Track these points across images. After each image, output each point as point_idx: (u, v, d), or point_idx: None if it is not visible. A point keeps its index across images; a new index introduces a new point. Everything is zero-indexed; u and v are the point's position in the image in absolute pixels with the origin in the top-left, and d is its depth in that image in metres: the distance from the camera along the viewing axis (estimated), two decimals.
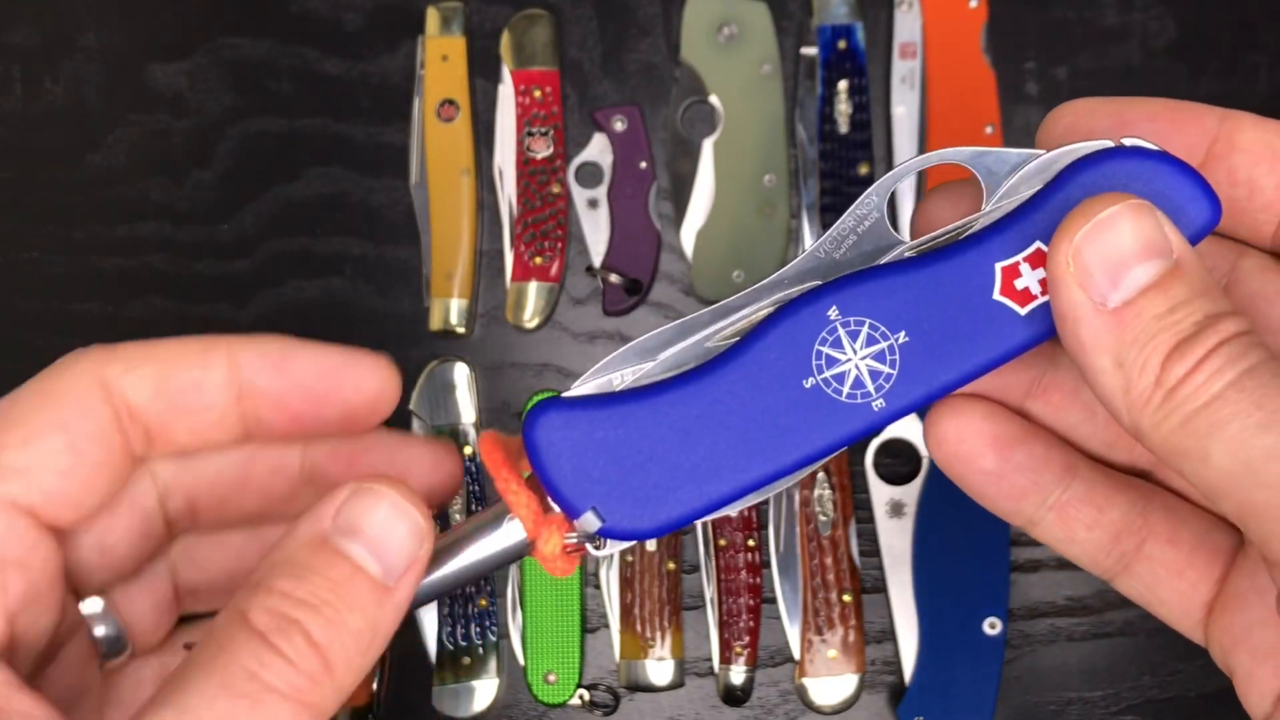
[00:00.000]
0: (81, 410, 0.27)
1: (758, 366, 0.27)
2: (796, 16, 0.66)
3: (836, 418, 0.27)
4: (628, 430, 0.27)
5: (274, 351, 0.29)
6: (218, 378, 0.29)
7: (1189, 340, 0.24)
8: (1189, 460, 0.24)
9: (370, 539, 0.26)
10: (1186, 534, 0.31)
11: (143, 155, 0.67)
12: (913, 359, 0.27)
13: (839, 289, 0.27)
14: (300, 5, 0.67)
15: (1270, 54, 0.66)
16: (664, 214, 0.66)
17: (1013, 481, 0.31)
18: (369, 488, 0.26)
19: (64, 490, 0.27)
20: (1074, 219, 0.25)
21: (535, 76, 0.65)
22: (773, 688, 0.63)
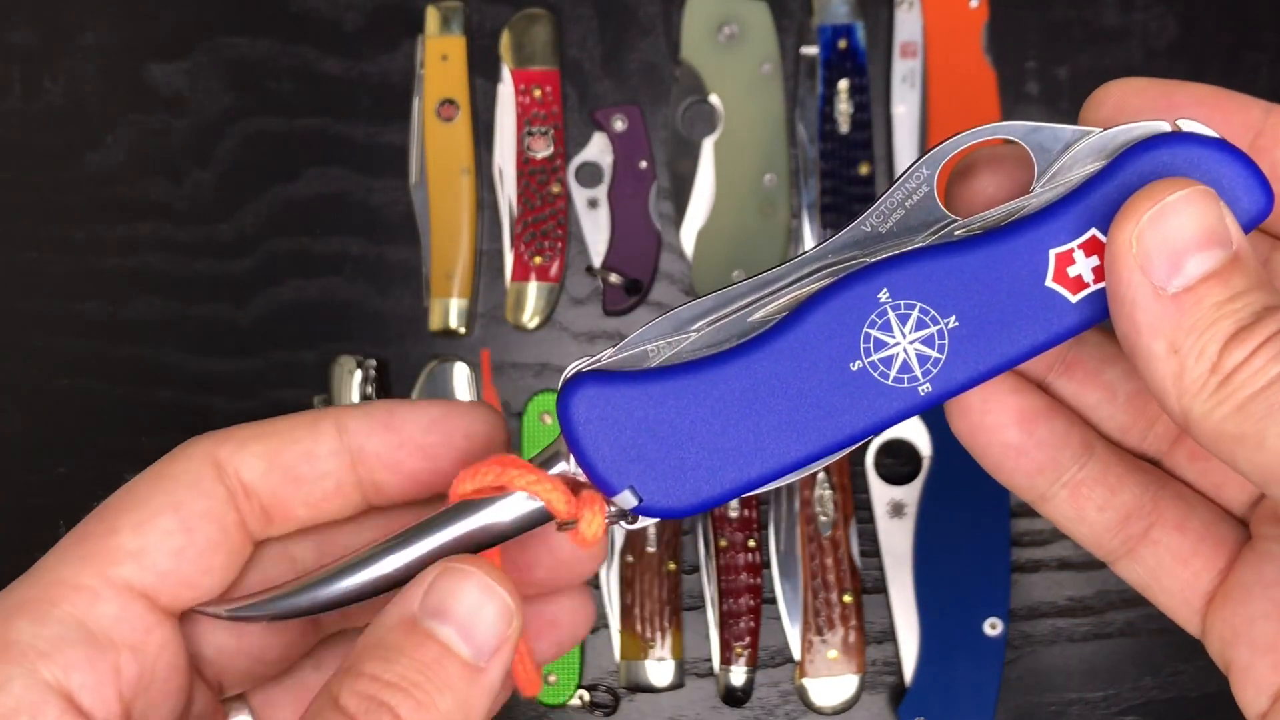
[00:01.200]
0: (194, 490, 0.27)
1: (803, 347, 0.27)
2: (797, 16, 0.66)
3: (882, 401, 0.27)
4: (667, 408, 0.27)
5: (380, 413, 0.29)
6: (327, 446, 0.29)
7: (1248, 329, 0.24)
8: (1243, 445, 0.23)
9: (459, 620, 0.25)
10: (1196, 522, 0.31)
11: (142, 155, 0.66)
12: (961, 343, 0.27)
13: (890, 270, 0.27)
14: (300, 5, 0.67)
15: (1270, 54, 0.66)
16: (664, 214, 0.66)
17: (1032, 456, 0.30)
18: (456, 568, 0.26)
19: (179, 570, 0.27)
20: (1139, 201, 0.25)
21: (535, 76, 0.65)
22: (773, 688, 0.63)
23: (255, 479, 0.28)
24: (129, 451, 0.65)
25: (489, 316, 0.65)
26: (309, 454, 0.28)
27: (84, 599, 0.26)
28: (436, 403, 0.30)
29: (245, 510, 0.28)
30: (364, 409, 0.29)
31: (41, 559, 0.27)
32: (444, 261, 0.64)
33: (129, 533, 0.27)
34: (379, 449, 0.29)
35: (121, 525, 0.27)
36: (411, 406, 0.30)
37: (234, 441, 0.28)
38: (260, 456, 0.28)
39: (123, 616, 0.26)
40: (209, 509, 0.27)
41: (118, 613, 0.26)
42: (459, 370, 0.64)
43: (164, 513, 0.27)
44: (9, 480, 0.65)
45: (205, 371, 0.65)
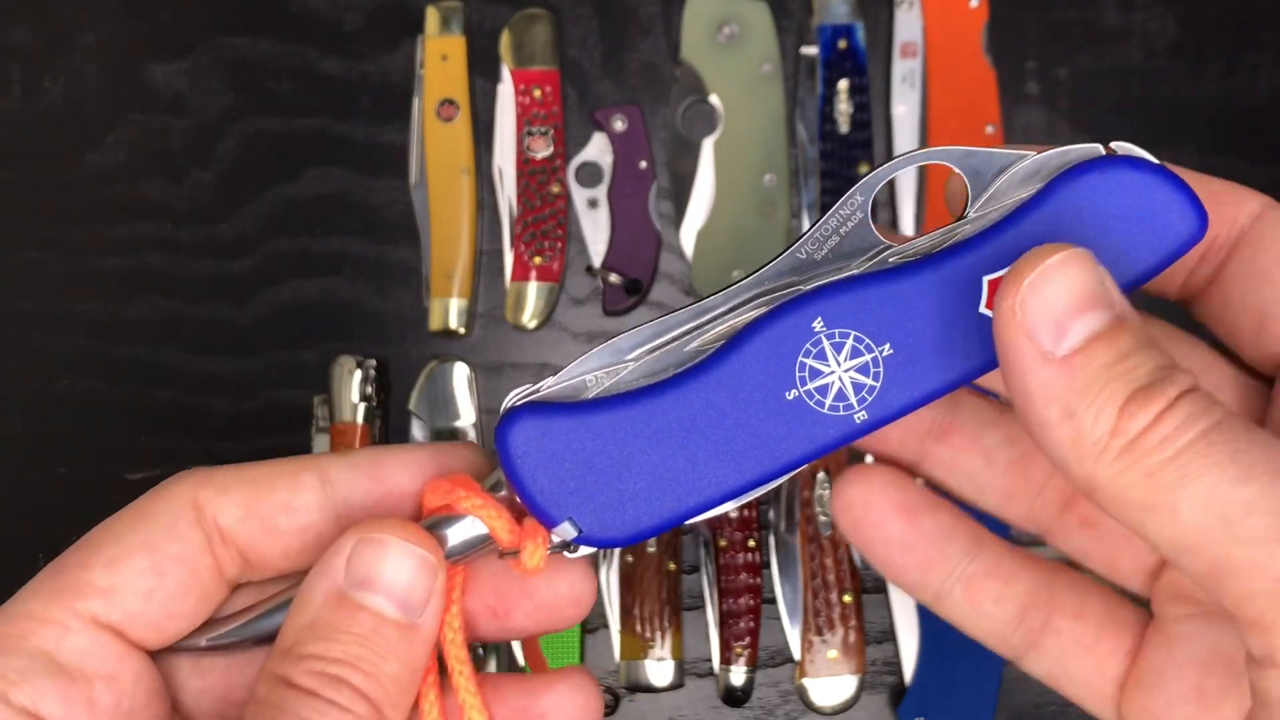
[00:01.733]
0: (170, 533, 0.27)
1: (739, 377, 0.27)
2: (797, 16, 0.66)
3: (818, 429, 0.27)
4: (604, 439, 0.27)
5: (365, 462, 0.29)
6: (309, 498, 0.28)
7: (1146, 390, 0.23)
8: (1154, 514, 0.23)
9: (385, 585, 0.26)
10: (1094, 606, 0.30)
11: (142, 155, 0.66)
12: (896, 371, 0.27)
13: (824, 298, 0.27)
14: (300, 5, 0.67)
15: (1270, 54, 0.66)
16: (664, 214, 0.66)
17: (920, 551, 0.30)
18: (371, 537, 0.26)
19: (147, 611, 0.27)
20: (1020, 269, 0.24)
21: (535, 76, 0.65)
22: (773, 688, 0.63)
23: (231, 525, 0.28)
24: (129, 451, 0.65)
25: (489, 316, 0.65)
26: (287, 505, 0.28)
27: (52, 632, 0.26)
28: (422, 448, 0.30)
29: (222, 555, 0.28)
30: (349, 458, 0.29)
31: (17, 593, 0.27)
32: (444, 261, 0.64)
33: (101, 569, 0.27)
34: (365, 499, 0.29)
35: (95, 561, 0.27)
36: (396, 454, 0.29)
37: (215, 485, 0.28)
38: (239, 504, 0.28)
39: (92, 649, 0.26)
40: (183, 552, 0.27)
41: (87, 645, 0.26)
42: (459, 370, 0.64)
43: (138, 552, 0.27)
44: (9, 480, 0.65)
45: (205, 371, 0.65)
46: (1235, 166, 0.66)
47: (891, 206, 0.65)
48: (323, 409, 0.63)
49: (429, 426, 0.64)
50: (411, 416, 0.64)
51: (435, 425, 0.64)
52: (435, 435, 0.64)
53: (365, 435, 0.63)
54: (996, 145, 0.67)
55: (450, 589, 0.28)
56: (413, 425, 0.64)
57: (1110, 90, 0.66)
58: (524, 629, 0.30)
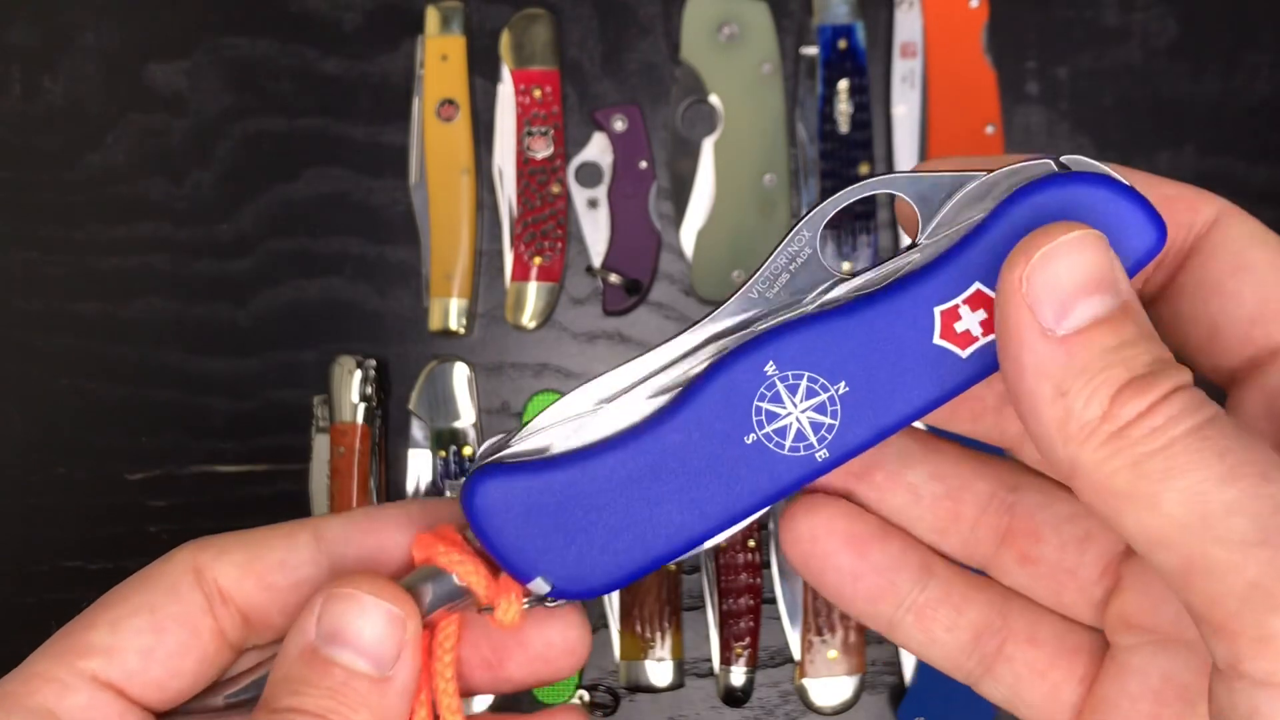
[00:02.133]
0: (171, 594, 0.28)
1: (697, 425, 0.27)
2: (797, 16, 0.66)
3: (779, 470, 0.27)
4: (568, 494, 0.27)
5: (359, 519, 0.30)
6: (304, 555, 0.29)
7: (1142, 380, 0.23)
8: (1133, 504, 0.22)
9: (353, 641, 0.26)
10: (1047, 632, 0.30)
11: (142, 155, 0.66)
12: (854, 407, 0.27)
13: (775, 341, 0.27)
14: (299, 5, 0.67)
15: (1270, 54, 0.66)
16: (664, 214, 0.66)
17: (869, 581, 0.30)
18: (339, 593, 0.27)
19: (147, 670, 0.27)
20: (1030, 243, 0.24)
21: (535, 76, 0.65)
22: (773, 688, 0.63)
23: (230, 585, 0.28)
24: (129, 451, 0.65)
25: (489, 316, 0.65)
26: (282, 563, 0.29)
27: (54, 690, 0.27)
28: (416, 503, 0.30)
29: (223, 616, 0.28)
30: (343, 516, 0.30)
31: (30, 655, 0.28)
32: (444, 261, 0.64)
33: (104, 629, 0.27)
34: (358, 555, 0.29)
35: (99, 622, 0.28)
36: (389, 510, 0.30)
37: (215, 548, 0.29)
38: (237, 564, 0.29)
39: (92, 705, 0.27)
40: (182, 613, 0.28)
41: (86, 703, 0.27)
42: (459, 370, 0.64)
43: (139, 613, 0.28)
44: (9, 480, 0.65)
45: (205, 371, 0.65)
46: (1235, 166, 0.66)
47: (891, 205, 0.65)
48: (323, 409, 0.63)
49: (429, 426, 0.64)
50: (411, 416, 0.64)
51: (435, 425, 0.64)
52: (435, 435, 0.64)
53: (365, 435, 0.63)
54: (996, 147, 0.67)
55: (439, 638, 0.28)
56: (413, 425, 0.64)
57: (1110, 90, 0.66)
58: (518, 680, 0.30)
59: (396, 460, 0.64)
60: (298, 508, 0.64)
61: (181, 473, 0.65)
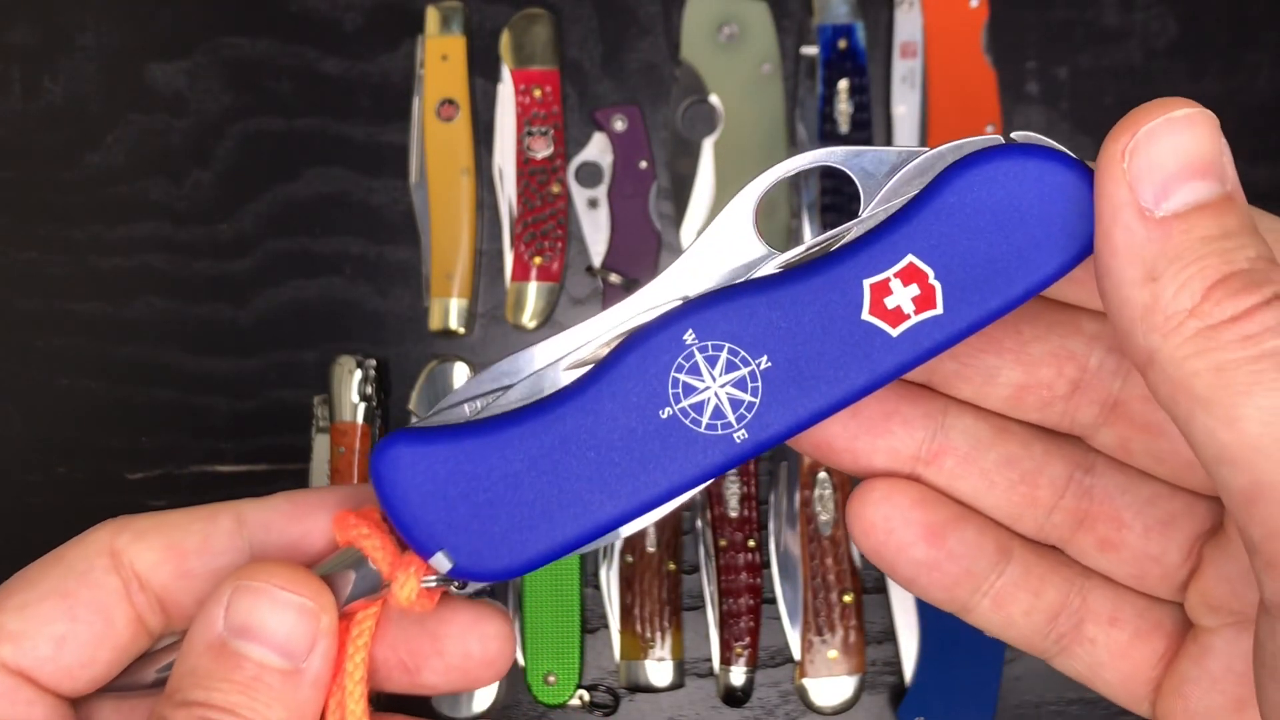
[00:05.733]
0: (84, 579, 0.27)
1: (611, 396, 0.25)
2: (797, 16, 0.66)
3: (695, 450, 0.25)
4: (476, 464, 0.25)
5: (282, 504, 0.28)
6: (224, 541, 0.28)
7: (1241, 277, 0.21)
8: (1210, 411, 0.21)
9: (264, 634, 0.25)
10: (1129, 611, 0.29)
11: (142, 155, 0.66)
12: (776, 386, 0.25)
13: (695, 311, 0.25)
14: (299, 4, 0.67)
15: (1270, 54, 0.66)
16: (664, 214, 0.66)
17: (946, 570, 0.29)
18: (248, 585, 0.25)
19: (59, 657, 0.26)
20: (1138, 115, 0.22)
21: (535, 76, 0.65)
22: (773, 688, 0.63)
23: (147, 570, 0.27)
24: (129, 451, 0.65)
25: (489, 316, 0.65)
26: (201, 549, 0.27)
27: None
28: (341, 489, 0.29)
29: (141, 604, 0.27)
30: (266, 500, 0.28)
31: None
32: (444, 261, 0.64)
33: (12, 614, 0.26)
34: (280, 542, 0.28)
35: (6, 605, 0.26)
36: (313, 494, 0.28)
37: (132, 531, 0.27)
38: (155, 549, 0.27)
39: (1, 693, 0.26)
40: (98, 599, 0.27)
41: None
42: (459, 370, 0.64)
43: (50, 598, 0.26)
44: (9, 480, 0.65)
45: (205, 371, 0.65)
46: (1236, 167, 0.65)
47: None
48: (323, 409, 0.63)
49: None
50: (411, 416, 0.64)
51: None
52: None
53: (365, 435, 0.63)
54: None
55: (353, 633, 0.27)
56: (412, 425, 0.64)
57: (1110, 90, 0.66)
58: (434, 686, 0.29)
59: None
60: None
61: (181, 473, 0.65)
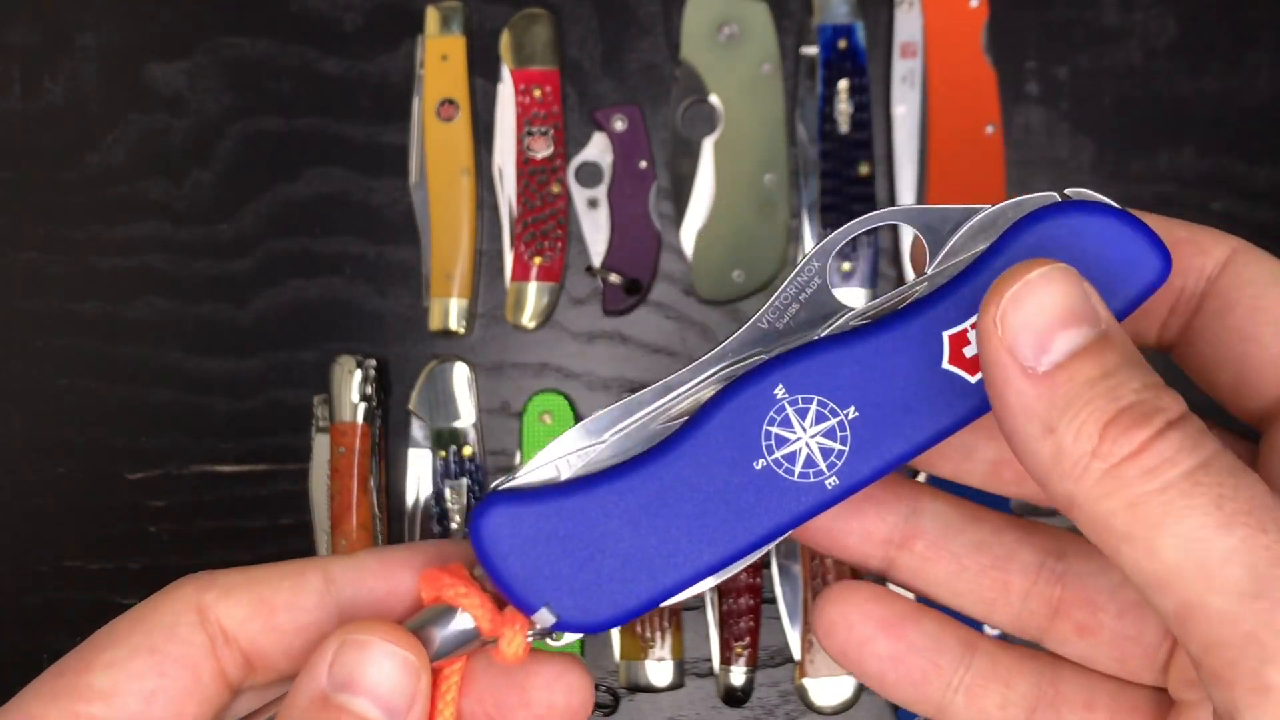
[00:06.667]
0: (172, 634, 0.27)
1: (706, 450, 0.27)
2: (797, 16, 0.66)
3: (789, 498, 0.27)
4: (576, 522, 0.27)
5: (369, 560, 0.29)
6: (313, 598, 0.28)
7: (1130, 412, 0.22)
8: (1132, 544, 0.22)
9: (367, 689, 0.26)
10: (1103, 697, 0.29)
11: (142, 155, 0.66)
12: (864, 433, 0.27)
13: (784, 366, 0.27)
14: (299, 4, 0.67)
15: (1270, 54, 0.66)
16: (664, 214, 0.66)
17: (911, 664, 0.29)
18: (353, 639, 0.26)
19: (148, 713, 0.26)
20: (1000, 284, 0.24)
21: (535, 76, 0.65)
22: (773, 688, 0.63)
23: (235, 626, 0.28)
24: (129, 451, 0.65)
25: (489, 316, 0.65)
26: (290, 605, 0.28)
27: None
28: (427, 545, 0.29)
29: (225, 658, 0.28)
30: (353, 557, 0.29)
31: (20, 693, 0.27)
32: (444, 261, 0.64)
33: (101, 671, 0.26)
34: (369, 598, 0.28)
35: (96, 663, 0.26)
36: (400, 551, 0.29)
37: (219, 588, 0.28)
38: (243, 605, 0.28)
39: None
40: (185, 655, 0.27)
41: None
42: (459, 370, 0.64)
43: (139, 655, 0.27)
44: (9, 480, 0.65)
45: (205, 371, 0.65)
46: (1235, 166, 0.66)
47: (891, 205, 0.65)
48: (323, 409, 0.63)
49: (429, 426, 0.64)
50: (411, 416, 0.64)
51: (435, 425, 0.64)
52: (435, 435, 0.64)
53: (365, 435, 0.63)
54: (996, 145, 0.67)
55: (441, 689, 0.28)
56: (413, 425, 0.64)
57: (1110, 90, 0.66)
58: None
59: (396, 460, 0.64)
60: (298, 508, 0.64)
61: (181, 473, 0.65)
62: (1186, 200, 0.65)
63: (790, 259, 0.65)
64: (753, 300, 0.65)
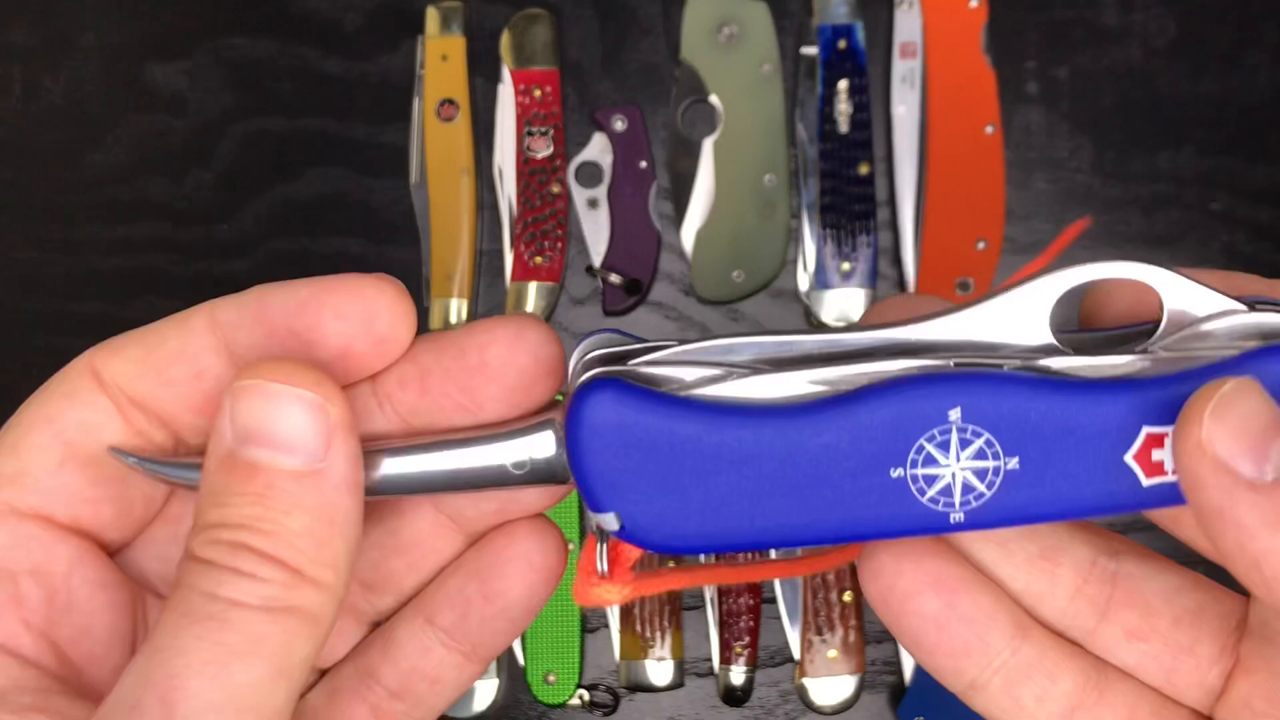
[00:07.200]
0: (70, 401, 0.25)
1: (851, 435, 0.24)
2: (797, 16, 0.66)
3: (909, 515, 0.25)
4: (685, 443, 0.24)
5: (251, 302, 0.26)
6: (201, 341, 0.25)
7: None
8: None
9: (270, 437, 0.23)
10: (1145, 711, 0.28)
11: (143, 155, 0.66)
12: (1013, 487, 0.24)
13: (970, 388, 0.24)
14: (300, 5, 0.67)
15: (1270, 54, 0.66)
16: (664, 214, 0.66)
17: (954, 633, 0.27)
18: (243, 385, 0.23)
19: (66, 485, 0.25)
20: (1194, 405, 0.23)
21: (535, 76, 0.65)
22: (773, 688, 0.63)
23: (129, 384, 0.25)
24: None
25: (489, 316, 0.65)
26: (180, 353, 0.25)
27: None
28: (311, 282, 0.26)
29: (136, 420, 0.25)
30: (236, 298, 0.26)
31: None
32: (444, 262, 0.64)
33: (4, 457, 0.25)
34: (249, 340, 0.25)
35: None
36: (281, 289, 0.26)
37: (110, 348, 0.26)
38: (132, 360, 0.25)
39: (14, 542, 0.24)
40: (88, 420, 0.25)
41: (7, 540, 0.24)
42: None
43: (37, 427, 0.25)
44: None
45: None
46: (1235, 166, 0.66)
47: (891, 205, 0.65)
48: None
49: None
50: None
51: None
52: None
53: None
54: (996, 145, 0.67)
55: None
56: None
57: (1110, 90, 0.66)
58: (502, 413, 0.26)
59: None
60: None
61: None
62: (1186, 200, 0.65)
63: (790, 259, 0.65)
64: (753, 300, 0.65)
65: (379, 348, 0.26)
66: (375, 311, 0.25)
